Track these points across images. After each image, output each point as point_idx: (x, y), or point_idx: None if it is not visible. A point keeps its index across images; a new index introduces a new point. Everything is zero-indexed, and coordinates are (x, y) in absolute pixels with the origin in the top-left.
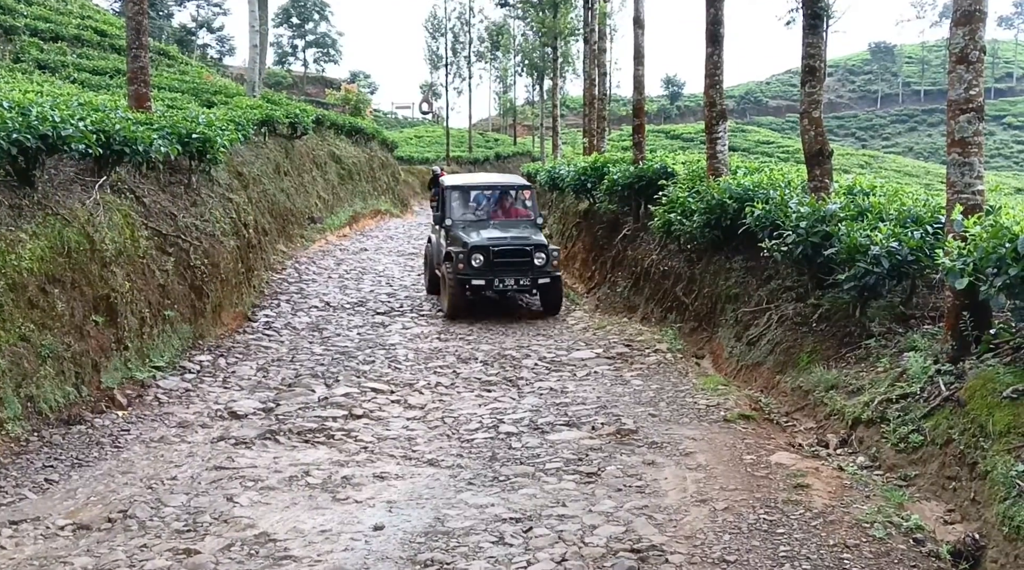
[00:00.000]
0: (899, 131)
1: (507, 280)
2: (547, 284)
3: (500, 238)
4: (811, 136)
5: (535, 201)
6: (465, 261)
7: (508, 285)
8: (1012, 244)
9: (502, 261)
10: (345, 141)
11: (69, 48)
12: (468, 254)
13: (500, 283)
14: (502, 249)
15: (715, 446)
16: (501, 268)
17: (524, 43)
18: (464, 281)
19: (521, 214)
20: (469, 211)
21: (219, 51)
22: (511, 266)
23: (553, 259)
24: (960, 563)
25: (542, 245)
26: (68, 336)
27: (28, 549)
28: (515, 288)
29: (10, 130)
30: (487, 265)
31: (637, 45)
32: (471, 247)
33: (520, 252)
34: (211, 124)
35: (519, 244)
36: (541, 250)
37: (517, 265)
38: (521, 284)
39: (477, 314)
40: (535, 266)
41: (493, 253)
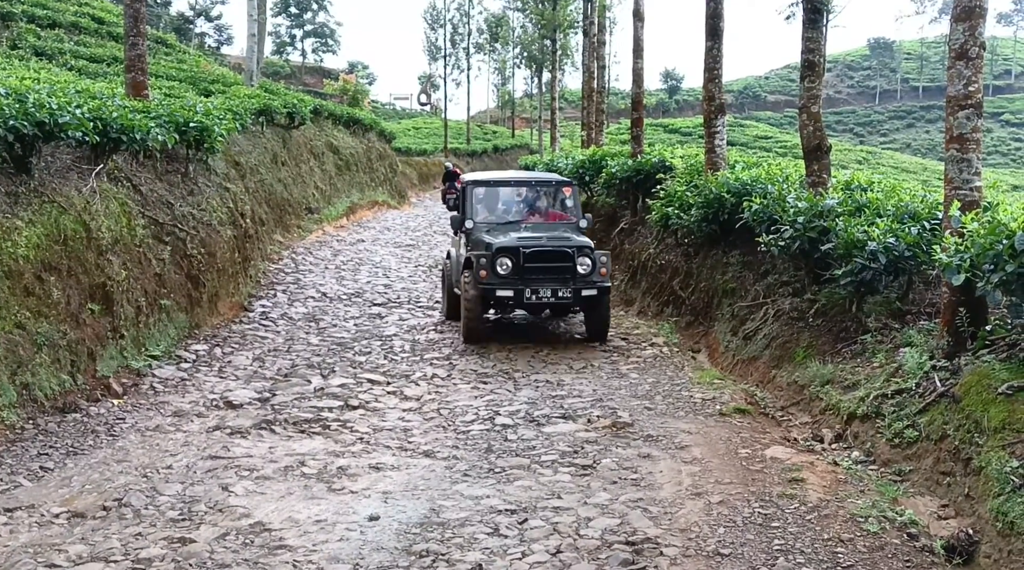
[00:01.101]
0: (897, 127)
1: (543, 291)
2: (593, 298)
3: (534, 239)
4: (809, 131)
5: (577, 201)
6: (488, 267)
7: (544, 298)
8: (1009, 241)
9: (536, 266)
10: (343, 132)
11: (66, 35)
12: (492, 258)
13: (534, 295)
14: (536, 251)
15: (710, 440)
16: (535, 276)
17: (523, 35)
18: (487, 293)
19: (558, 217)
20: (495, 213)
21: (217, 40)
22: (548, 273)
23: (601, 266)
24: (953, 558)
25: (587, 247)
26: (64, 324)
27: (23, 536)
28: (553, 301)
29: (7, 117)
30: (517, 271)
31: (636, 38)
32: (496, 249)
33: (560, 255)
34: (209, 113)
35: (558, 245)
36: (586, 254)
37: (556, 272)
38: (561, 297)
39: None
40: (579, 274)
41: (525, 256)
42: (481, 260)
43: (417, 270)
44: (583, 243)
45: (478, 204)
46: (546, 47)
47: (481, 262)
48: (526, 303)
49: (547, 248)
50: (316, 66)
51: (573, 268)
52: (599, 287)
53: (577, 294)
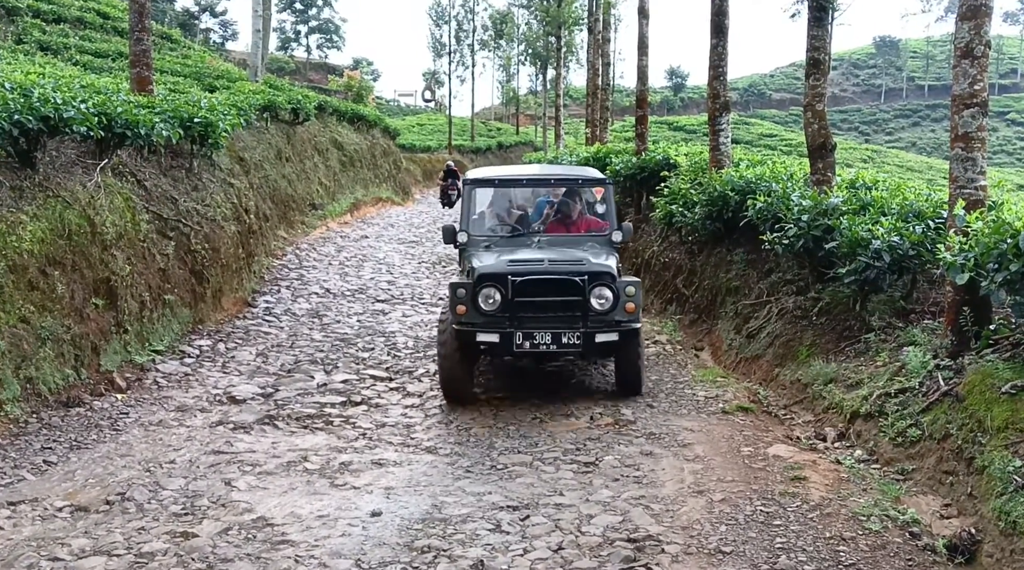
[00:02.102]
0: (902, 126)
1: (540, 336)
2: (614, 344)
3: (531, 262)
4: (814, 129)
5: (612, 205)
6: (468, 300)
7: (542, 345)
8: (1014, 240)
9: (531, 301)
10: (347, 128)
11: (71, 30)
12: (474, 288)
13: (527, 341)
14: (531, 280)
15: (713, 438)
16: (530, 313)
17: (528, 32)
18: (464, 336)
19: (591, 227)
20: (503, 221)
21: (222, 36)
22: (549, 310)
23: (627, 300)
24: (956, 557)
25: (605, 273)
26: (68, 318)
27: (26, 530)
28: (556, 350)
29: (12, 111)
30: (506, 308)
31: (641, 35)
32: (479, 276)
33: (564, 285)
34: (213, 109)
35: (563, 271)
36: (604, 283)
37: (560, 308)
38: (566, 344)
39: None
40: (593, 311)
41: (515, 287)
42: (458, 291)
43: (420, 267)
44: (601, 267)
45: (480, 209)
46: (551, 44)
47: (458, 294)
48: (516, 352)
49: (546, 275)
50: (321, 62)
51: (584, 303)
52: (623, 330)
53: (589, 340)
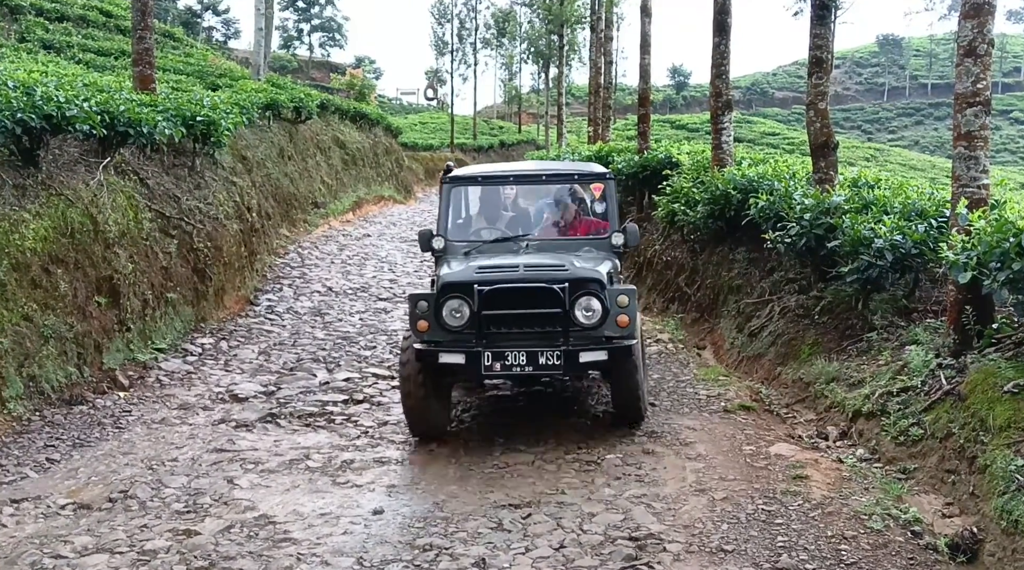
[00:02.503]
0: (905, 124)
1: (512, 356)
2: (603, 364)
3: (503, 269)
4: (817, 128)
5: (614, 203)
6: (431, 315)
7: (516, 366)
8: (1016, 239)
9: (503, 315)
10: (349, 126)
11: (74, 28)
12: (437, 300)
13: (497, 362)
14: (501, 289)
15: (715, 436)
16: (502, 329)
17: (530, 30)
18: (428, 357)
19: (592, 229)
20: (489, 224)
21: (224, 34)
22: (524, 325)
23: (620, 311)
24: (958, 556)
25: (590, 281)
26: (71, 316)
27: (29, 527)
28: (532, 372)
29: (15, 110)
30: (473, 324)
31: (644, 34)
32: (443, 286)
33: (541, 295)
34: (215, 107)
35: (540, 278)
36: (590, 293)
37: (537, 323)
38: (545, 366)
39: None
40: (578, 326)
41: (483, 298)
42: (419, 304)
43: (423, 265)
44: (587, 274)
45: (462, 211)
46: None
47: (419, 308)
48: (486, 375)
49: (519, 284)
50: (323, 61)
51: (565, 317)
52: (613, 348)
53: (572, 360)
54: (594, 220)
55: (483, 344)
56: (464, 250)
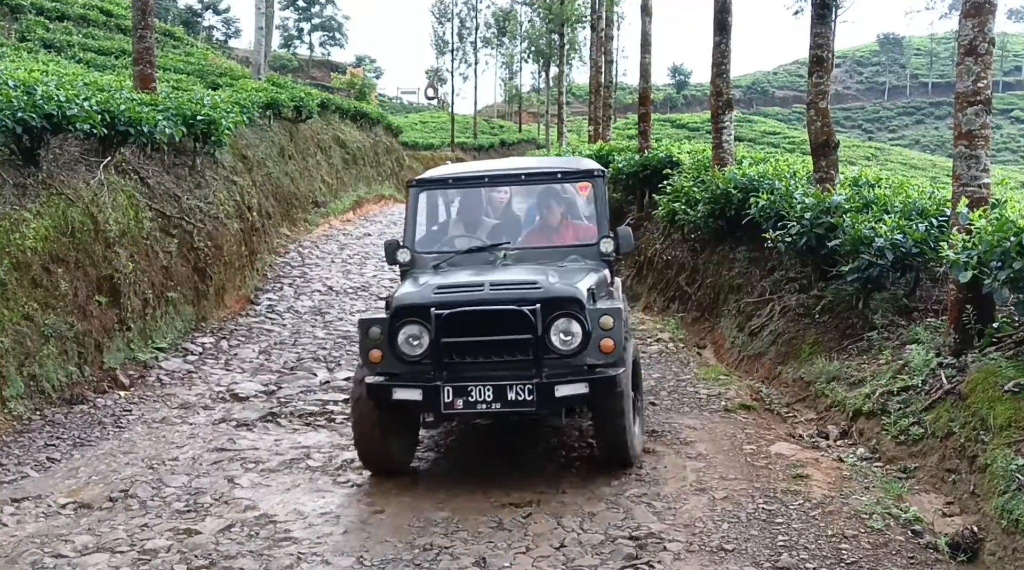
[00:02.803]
0: (906, 123)
1: (477, 391)
2: (583, 398)
3: (466, 288)
4: (817, 127)
5: (604, 205)
6: (384, 343)
7: (482, 403)
8: (1017, 238)
9: (465, 343)
10: (350, 125)
11: (75, 28)
12: (391, 326)
13: (459, 399)
14: (462, 313)
15: (715, 436)
16: (465, 358)
17: (531, 29)
18: (380, 393)
19: (581, 233)
20: (467, 231)
21: (225, 33)
22: (489, 354)
23: (604, 334)
24: (958, 555)
25: (566, 301)
26: (71, 316)
27: (29, 526)
28: (499, 409)
29: (15, 109)
30: (433, 352)
31: (644, 33)
32: (396, 309)
33: (509, 319)
34: (216, 106)
35: (506, 298)
36: (566, 314)
37: (504, 351)
38: (514, 400)
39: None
40: (553, 353)
41: (442, 323)
42: (371, 330)
43: None
44: (563, 291)
45: (438, 216)
46: (554, 42)
47: (371, 334)
48: (446, 413)
49: (483, 306)
50: (323, 60)
51: (539, 343)
52: (594, 379)
53: (546, 394)
54: (584, 224)
55: (443, 377)
56: (434, 263)
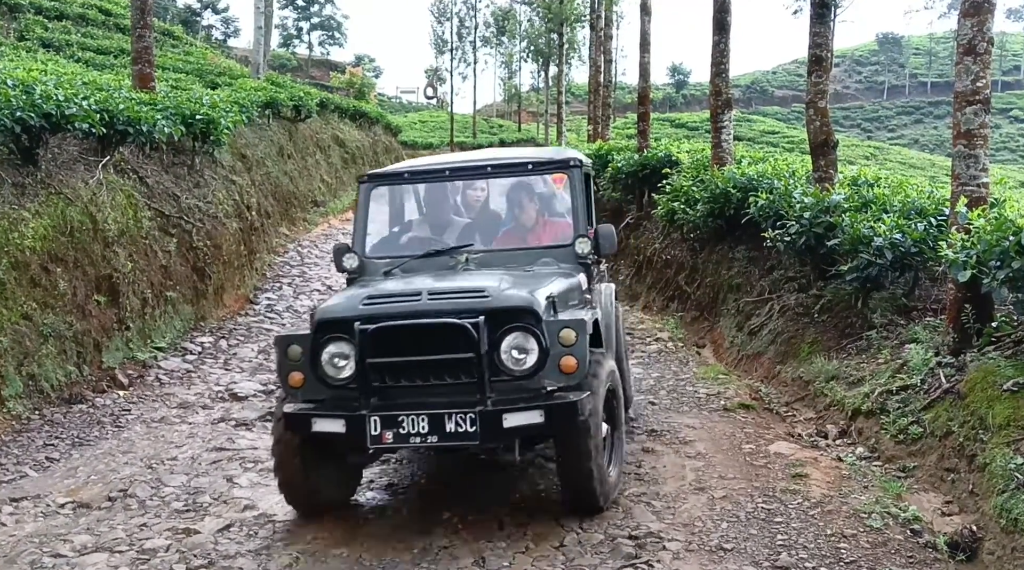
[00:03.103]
0: (905, 123)
1: (409, 421)
2: (539, 429)
3: (401, 297)
4: (816, 126)
5: (581, 200)
6: (306, 364)
7: (415, 434)
8: (1016, 237)
9: (396, 363)
10: (349, 125)
11: (73, 27)
12: (313, 343)
13: (389, 430)
14: (392, 327)
15: (714, 435)
16: (401, 382)
17: (530, 29)
18: (299, 424)
19: (559, 232)
20: (433, 233)
21: (224, 32)
22: (428, 375)
23: (565, 351)
24: (957, 554)
25: (518, 312)
26: (70, 315)
27: (28, 526)
28: (436, 443)
29: (13, 108)
30: (358, 375)
31: (643, 32)
32: (318, 324)
33: (448, 334)
34: (215, 105)
35: (444, 310)
36: (519, 327)
37: (443, 372)
38: (454, 432)
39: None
40: (503, 374)
41: (367, 340)
42: (291, 349)
43: None
44: (514, 300)
45: (393, 218)
46: (553, 41)
47: (291, 354)
48: (373, 447)
49: (417, 319)
50: (322, 59)
51: (480, 363)
52: (552, 406)
53: (492, 425)
54: (560, 222)
55: (370, 405)
56: (386, 268)
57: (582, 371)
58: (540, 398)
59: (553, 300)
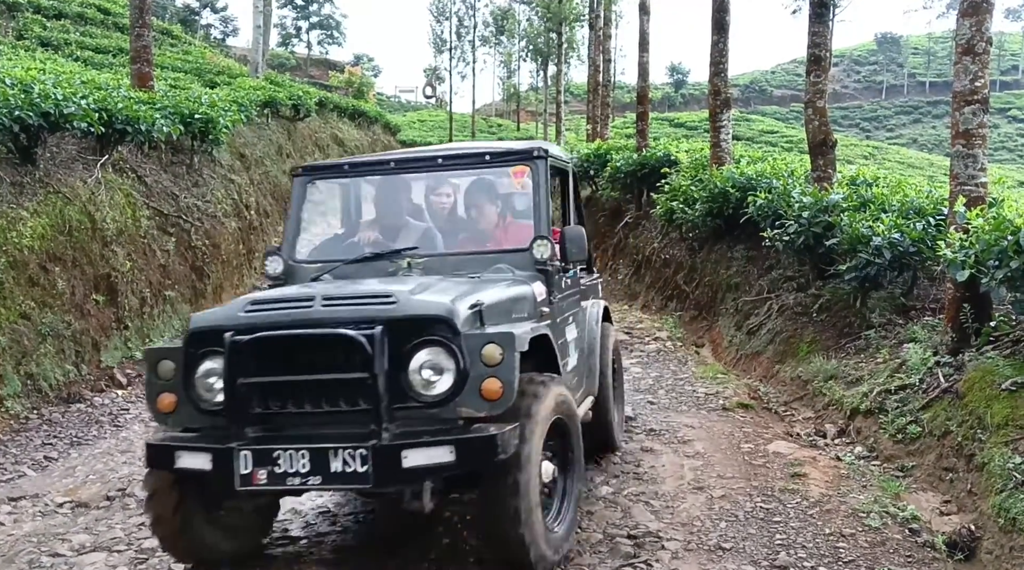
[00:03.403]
0: (903, 122)
1: (287, 456)
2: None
3: (289, 303)
4: (815, 126)
5: (545, 198)
6: (178, 384)
7: (294, 474)
8: (1014, 237)
9: (274, 385)
10: (348, 124)
11: (72, 26)
12: (185, 359)
13: (264, 468)
14: (266, 339)
15: (713, 434)
16: (289, 407)
17: (529, 28)
18: (160, 460)
19: (519, 237)
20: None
21: (222, 32)
22: (317, 399)
23: (488, 372)
24: (955, 554)
25: (429, 321)
26: (68, 314)
27: (27, 526)
28: (320, 483)
29: (12, 107)
30: (231, 399)
31: (642, 32)
32: (191, 334)
33: (337, 349)
34: (214, 105)
35: (332, 319)
36: (428, 340)
37: (331, 397)
38: (340, 472)
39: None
40: (414, 401)
41: (237, 355)
42: (161, 366)
43: None
44: (424, 308)
45: (326, 217)
46: (552, 40)
47: (161, 371)
48: (242, 490)
49: (299, 329)
50: (321, 58)
51: (375, 385)
52: (465, 441)
53: (388, 464)
54: (522, 223)
55: (242, 437)
56: (315, 275)
57: (508, 397)
58: (454, 430)
59: (480, 310)
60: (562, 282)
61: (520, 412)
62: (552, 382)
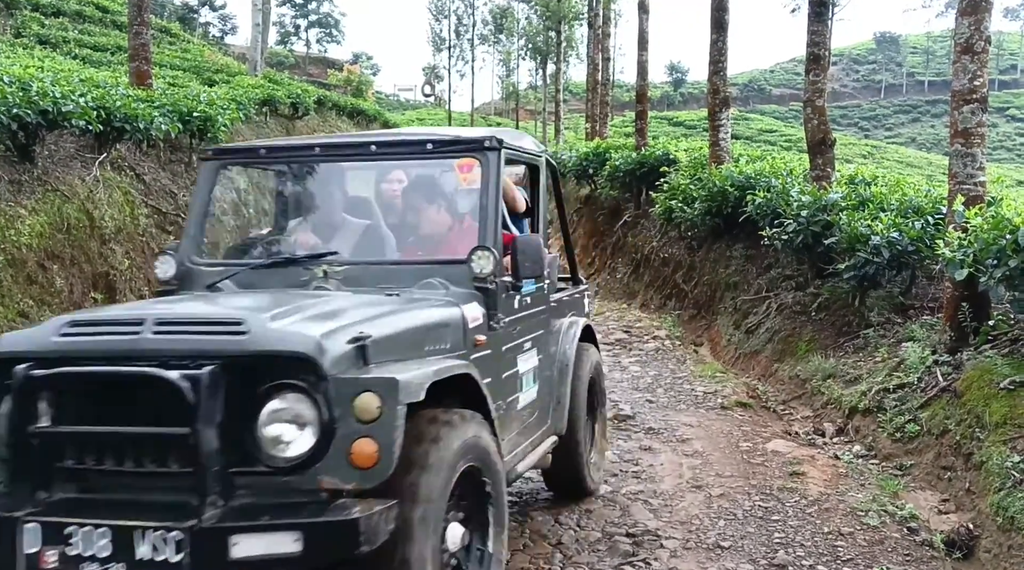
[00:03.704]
0: (902, 122)
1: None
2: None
3: (113, 326)
4: (814, 125)
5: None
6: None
7: (93, 559)
8: (1013, 236)
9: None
10: (347, 122)
11: (71, 24)
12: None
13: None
14: (61, 376)
15: (711, 433)
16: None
17: (528, 27)
18: None
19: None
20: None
21: (221, 30)
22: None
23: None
24: (953, 552)
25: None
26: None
27: None
28: None
29: (10, 105)
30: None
31: (641, 30)
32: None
33: (151, 393)
34: (212, 103)
35: (162, 350)
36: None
37: (158, 456)
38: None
39: None
40: (264, 467)
41: (24, 395)
42: None
43: None
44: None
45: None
46: (551, 39)
47: None
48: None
49: (98, 367)
50: (320, 56)
51: (197, 444)
52: (318, 526)
53: (211, 553)
54: (467, 227)
55: (32, 504)
56: (214, 280)
57: (385, 465)
58: (303, 510)
59: (364, 345)
60: (513, 301)
61: (404, 483)
62: (462, 421)
